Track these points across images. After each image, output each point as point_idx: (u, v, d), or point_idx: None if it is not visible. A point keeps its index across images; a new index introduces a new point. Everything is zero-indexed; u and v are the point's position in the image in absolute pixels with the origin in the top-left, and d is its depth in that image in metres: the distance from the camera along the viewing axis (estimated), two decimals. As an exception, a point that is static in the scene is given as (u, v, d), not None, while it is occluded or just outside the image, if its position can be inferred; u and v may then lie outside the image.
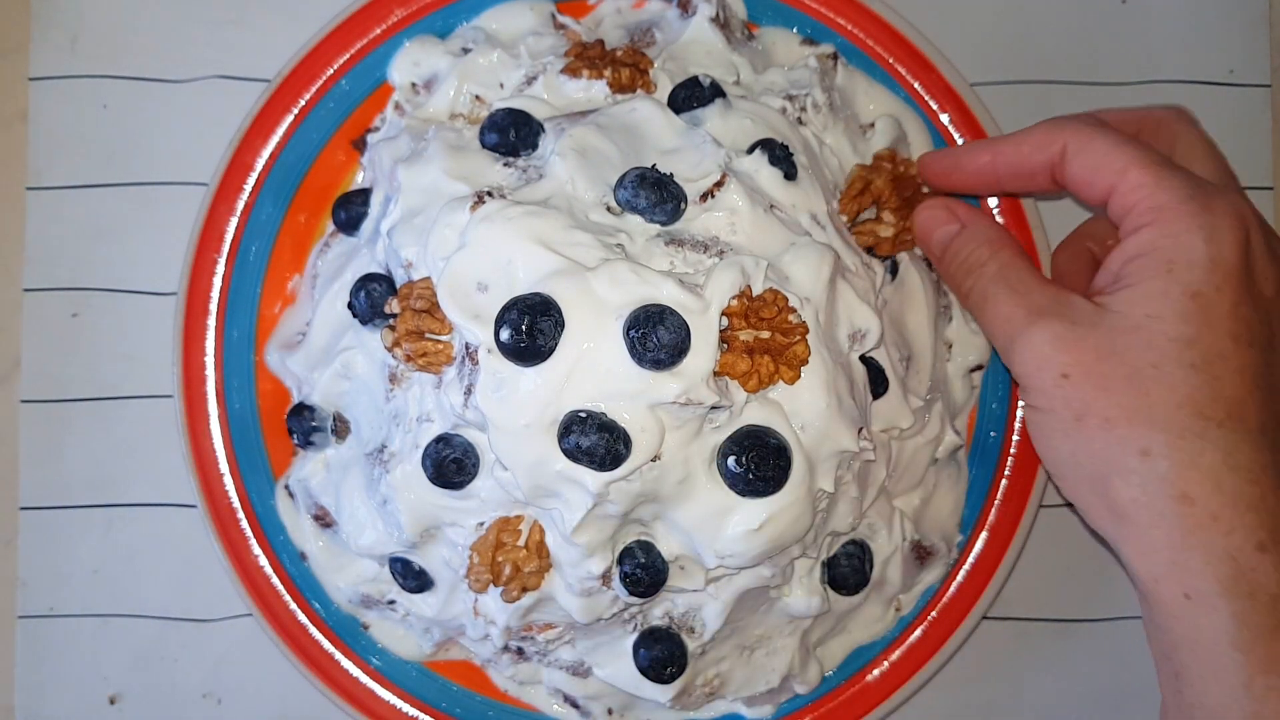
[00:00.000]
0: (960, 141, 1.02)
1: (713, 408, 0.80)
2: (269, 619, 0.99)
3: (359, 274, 0.94)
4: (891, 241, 0.96)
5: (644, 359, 0.78)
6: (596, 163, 0.87)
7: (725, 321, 0.81)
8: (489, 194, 0.85)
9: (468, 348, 0.83)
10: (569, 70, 0.95)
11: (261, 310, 1.02)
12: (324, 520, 0.98)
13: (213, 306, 1.00)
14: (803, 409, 0.83)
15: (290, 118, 1.01)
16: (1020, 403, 1.02)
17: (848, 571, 0.95)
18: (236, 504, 1.00)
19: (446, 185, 0.89)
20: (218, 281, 1.00)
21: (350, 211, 0.99)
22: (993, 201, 1.02)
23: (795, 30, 1.03)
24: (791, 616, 0.94)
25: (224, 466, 1.00)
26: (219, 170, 1.00)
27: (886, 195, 0.96)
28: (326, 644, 1.00)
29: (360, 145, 1.02)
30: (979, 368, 1.03)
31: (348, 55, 1.01)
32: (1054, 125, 0.88)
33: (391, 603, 0.98)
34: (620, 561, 0.85)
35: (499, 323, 0.79)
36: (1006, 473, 1.02)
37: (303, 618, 1.00)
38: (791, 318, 0.82)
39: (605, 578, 0.86)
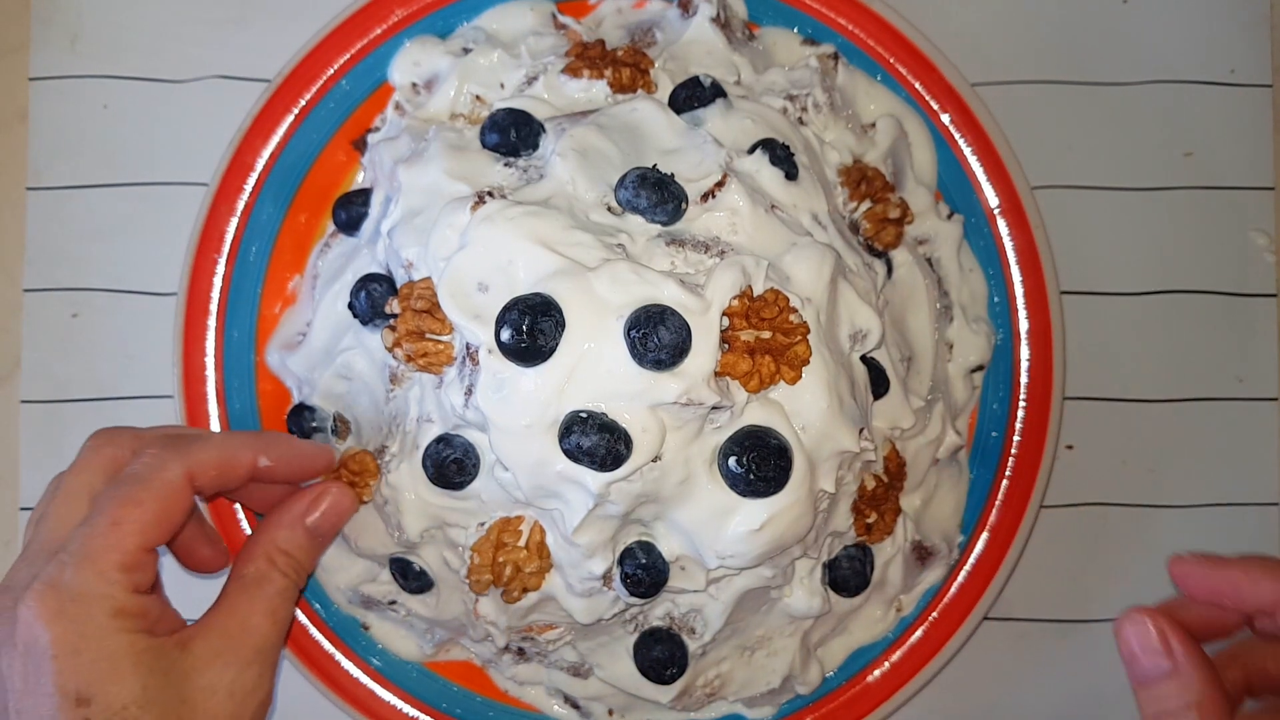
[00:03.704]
0: (961, 141, 1.03)
1: (714, 408, 0.80)
2: (269, 620, 0.99)
3: (359, 274, 0.93)
4: (899, 223, 0.97)
5: (645, 359, 0.78)
6: (597, 163, 0.87)
7: (726, 322, 0.81)
8: (490, 194, 0.85)
9: (468, 348, 0.83)
10: (570, 70, 0.95)
11: (262, 310, 1.02)
12: (324, 521, 0.98)
13: (213, 307, 1.00)
14: (804, 409, 0.83)
15: (290, 118, 1.01)
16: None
17: (849, 573, 0.95)
18: (237, 505, 0.99)
19: (447, 185, 0.88)
20: (218, 282, 1.00)
21: (351, 212, 0.99)
22: (993, 201, 1.02)
23: (796, 30, 1.03)
24: (792, 617, 0.94)
25: (224, 467, 0.99)
26: (219, 170, 1.00)
27: (878, 180, 0.96)
28: (327, 644, 1.00)
29: (361, 145, 1.02)
30: (980, 368, 1.03)
31: (348, 55, 1.01)
32: None
33: (392, 603, 0.98)
34: (621, 562, 0.85)
35: (500, 323, 0.79)
36: (1008, 473, 1.02)
37: (303, 618, 1.00)
38: (792, 318, 0.82)
39: (606, 578, 0.86)
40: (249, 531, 0.99)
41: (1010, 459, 1.02)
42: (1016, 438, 1.03)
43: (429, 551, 0.92)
